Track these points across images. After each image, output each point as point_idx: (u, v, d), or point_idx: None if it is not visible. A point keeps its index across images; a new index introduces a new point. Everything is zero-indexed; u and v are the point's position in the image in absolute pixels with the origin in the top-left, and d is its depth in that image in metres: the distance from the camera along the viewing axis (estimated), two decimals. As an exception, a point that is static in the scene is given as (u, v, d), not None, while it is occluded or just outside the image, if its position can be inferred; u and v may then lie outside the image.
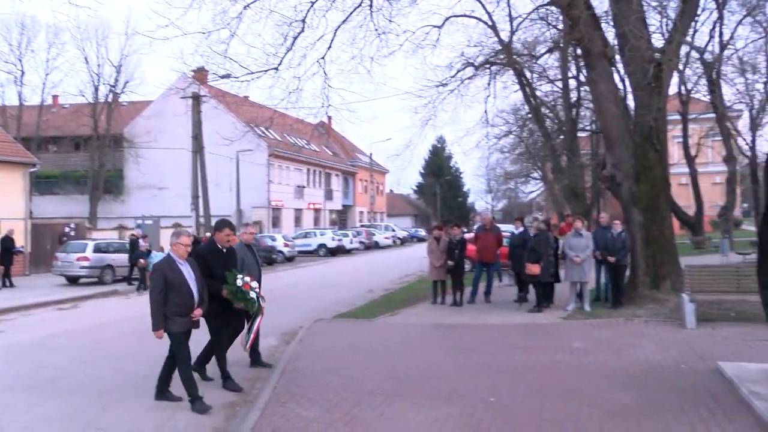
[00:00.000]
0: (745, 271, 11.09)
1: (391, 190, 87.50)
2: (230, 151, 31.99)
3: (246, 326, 8.52)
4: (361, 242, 48.45)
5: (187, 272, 7.38)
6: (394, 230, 60.15)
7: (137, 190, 49.02)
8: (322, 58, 16.08)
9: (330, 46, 15.97)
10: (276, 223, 52.37)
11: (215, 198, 32.40)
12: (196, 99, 29.98)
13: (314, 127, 30.37)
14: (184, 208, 33.79)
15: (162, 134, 44.88)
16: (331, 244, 42.78)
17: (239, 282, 8.03)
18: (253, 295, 8.19)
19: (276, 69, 15.62)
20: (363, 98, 67.85)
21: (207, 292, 7.61)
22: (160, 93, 40.11)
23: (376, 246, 51.53)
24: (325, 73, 16.22)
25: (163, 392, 7.64)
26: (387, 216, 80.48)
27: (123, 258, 23.72)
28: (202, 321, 7.72)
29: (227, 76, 16.44)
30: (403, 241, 59.63)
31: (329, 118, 39.08)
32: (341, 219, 69.10)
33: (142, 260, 21.66)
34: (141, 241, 22.79)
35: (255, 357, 9.28)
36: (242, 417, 6.84)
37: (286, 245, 36.63)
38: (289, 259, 36.40)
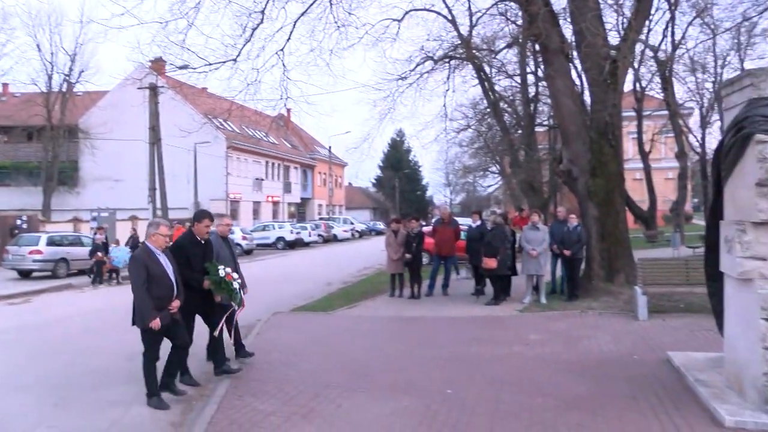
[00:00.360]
0: (693, 264, 11.38)
1: (350, 183, 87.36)
2: (188, 143, 31.62)
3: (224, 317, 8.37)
4: (319, 235, 48.42)
5: (166, 263, 7.15)
6: (352, 223, 60.15)
7: (93, 182, 48.13)
8: (281, 49, 16.00)
9: (289, 38, 15.90)
10: (234, 215, 51.81)
11: (172, 190, 32.00)
12: (153, 90, 29.53)
13: (273, 120, 30.13)
14: (141, 201, 33.24)
15: (118, 125, 44.05)
16: (290, 237, 42.69)
17: (222, 273, 7.87)
18: (236, 285, 8.08)
19: (234, 60, 15.50)
20: (322, 91, 67.57)
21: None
22: (117, 83, 39.46)
23: (335, 239, 51.52)
24: (284, 65, 16.15)
25: (168, 385, 7.46)
26: (346, 209, 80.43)
27: (78, 251, 23.33)
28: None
29: (185, 66, 16.23)
30: (362, 234, 59.72)
31: (288, 110, 38.80)
32: (300, 212, 68.93)
33: (99, 253, 21.33)
34: (97, 234, 22.43)
35: (238, 347, 9.03)
36: (198, 411, 6.78)
37: (244, 238, 36.38)
38: (248, 252, 36.18)
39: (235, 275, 8.15)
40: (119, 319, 13.95)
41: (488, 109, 26.75)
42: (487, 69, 23.36)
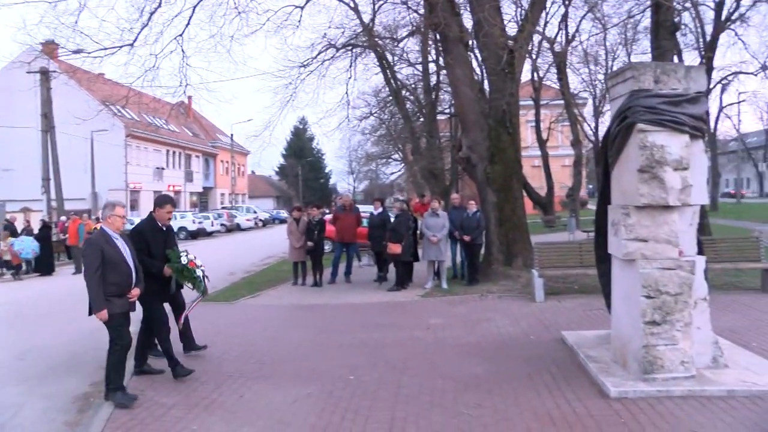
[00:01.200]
0: (587, 247, 11.96)
1: (252, 172, 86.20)
2: (84, 131, 30.34)
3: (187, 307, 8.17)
4: (222, 225, 47.66)
5: (123, 248, 6.78)
6: (255, 212, 59.40)
7: (-22, 171, 45.46)
8: (180, 35, 15.64)
9: (188, 24, 15.57)
10: (134, 206, 50.43)
11: (68, 180, 30.64)
12: (45, 74, 28.18)
13: (173, 107, 29.40)
14: (34, 191, 31.75)
15: (6, 111, 41.75)
16: (192, 227, 41.93)
17: (184, 260, 7.58)
18: (199, 273, 7.82)
19: (131, 45, 15.03)
20: (223, 78, 66.18)
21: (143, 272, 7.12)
22: (3, 66, 37.39)
23: (238, 228, 50.83)
24: (183, 51, 15.81)
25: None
26: (249, 198, 79.44)
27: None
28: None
29: (79, 51, 15.61)
30: (265, 223, 59.07)
31: (189, 98, 37.89)
32: (202, 201, 67.63)
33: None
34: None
35: (187, 341, 8.65)
36: (97, 408, 6.60)
37: (144, 229, 35.34)
38: (148, 243, 35.26)
39: (199, 262, 7.86)
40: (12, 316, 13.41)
41: (390, 97, 27.01)
42: (389, 57, 23.59)
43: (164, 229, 7.84)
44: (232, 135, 65.84)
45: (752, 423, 5.44)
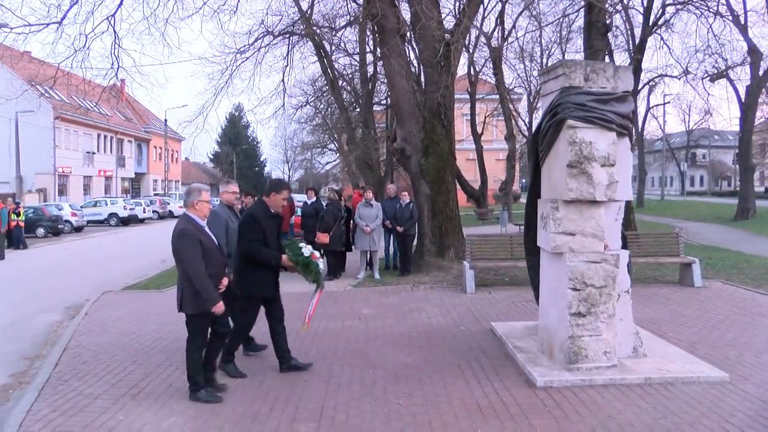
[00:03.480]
0: (518, 240, 12.22)
1: (186, 158, 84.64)
2: (8, 111, 29.21)
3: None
4: (154, 211, 46.98)
5: (211, 235, 6.33)
6: (189, 199, 58.44)
7: None
8: (112, 15, 15.13)
9: (121, 4, 15.09)
10: (63, 191, 48.94)
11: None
12: (-38, 50, 26.94)
13: (105, 90, 28.58)
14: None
15: None
16: (123, 214, 41.22)
17: (306, 252, 6.96)
18: (321, 266, 7.19)
19: (59, 23, 14.49)
20: (156, 61, 64.59)
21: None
22: None
23: (171, 215, 49.93)
24: (115, 32, 15.29)
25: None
26: (182, 184, 77.94)
27: None
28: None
29: (2, 26, 14.99)
30: (199, 211, 58.24)
31: (122, 81, 36.81)
32: (134, 187, 66.18)
33: None
34: None
35: (248, 340, 8.01)
36: (16, 400, 6.41)
37: (73, 214, 34.54)
38: (78, 229, 34.48)
39: (317, 254, 7.17)
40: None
41: (327, 87, 26.85)
42: (326, 46, 23.44)
43: (276, 216, 7.21)
44: (165, 120, 64.42)
45: (663, 407, 5.74)
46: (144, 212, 44.23)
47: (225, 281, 6.37)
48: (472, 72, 31.14)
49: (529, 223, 7.87)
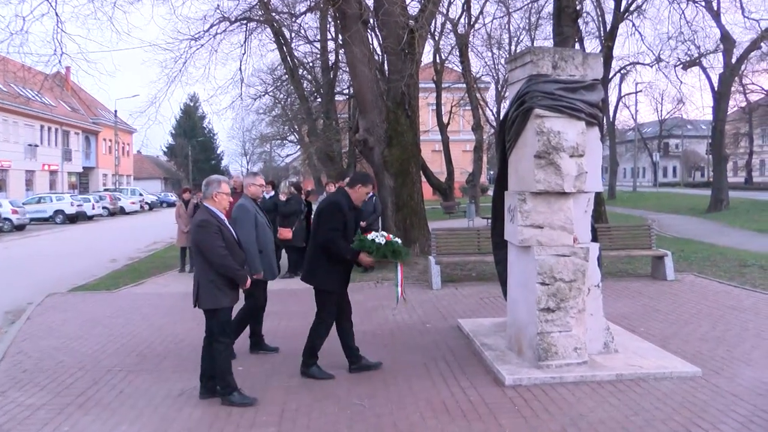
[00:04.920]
0: (485, 234, 12.27)
1: (138, 152, 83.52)
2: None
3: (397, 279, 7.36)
4: (104, 208, 46.24)
5: (231, 230, 6.32)
6: (141, 195, 57.88)
7: None
8: (53, -4, 14.85)
9: (63, -15, 14.80)
10: (2, 186, 47.89)
11: None
12: None
13: (47, 78, 28.08)
14: None
15: None
16: (70, 210, 40.34)
17: (381, 239, 6.82)
18: (397, 240, 7.06)
19: (-8, 5, 14.15)
20: (104, 48, 63.66)
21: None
22: None
23: (122, 212, 49.43)
24: (57, 14, 14.98)
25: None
26: (134, 179, 77.20)
27: None
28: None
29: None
30: (152, 207, 57.72)
31: (67, 68, 36.19)
32: (82, 182, 65.06)
33: None
34: None
35: (257, 339, 8.16)
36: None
37: (14, 212, 33.82)
38: (19, 228, 33.77)
39: (388, 235, 7.06)
40: None
41: (286, 76, 26.73)
42: (286, 33, 23.33)
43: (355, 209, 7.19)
44: (115, 111, 63.50)
45: (635, 404, 5.83)
46: (93, 209, 43.42)
47: (249, 282, 6.37)
48: (437, 60, 31.23)
49: (497, 215, 7.92)
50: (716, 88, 32.56)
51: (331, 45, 26.11)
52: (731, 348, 7.59)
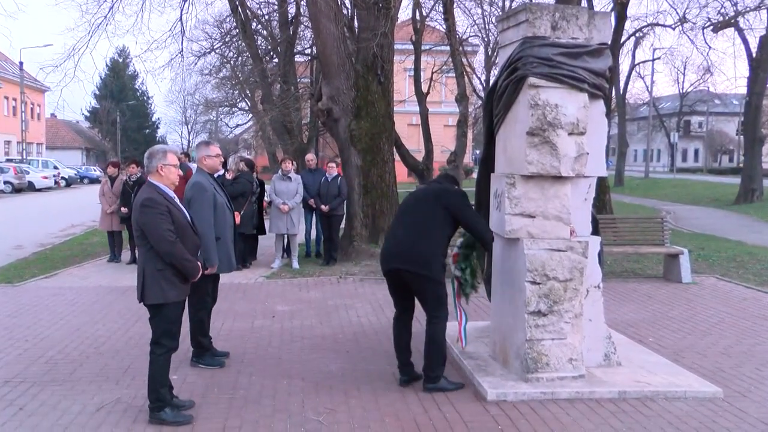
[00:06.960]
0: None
1: (53, 115, 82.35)
2: None
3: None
4: (7, 182, 45.47)
5: (183, 209, 6.21)
6: (56, 168, 57.04)
7: None
8: None
9: None
10: None
11: None
12: None
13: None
14: None
15: None
16: (-37, 185, 39.73)
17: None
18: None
19: None
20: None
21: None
22: None
23: (31, 188, 48.66)
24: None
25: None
26: (47, 149, 76.05)
27: None
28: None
29: None
30: (70, 183, 56.90)
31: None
32: (-21, 151, 64.07)
33: None
34: None
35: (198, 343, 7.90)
36: None
37: None
38: None
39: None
40: None
41: (237, 30, 26.50)
42: (238, -25, 23.13)
43: None
44: (21, 63, 61.82)
45: (641, 427, 5.87)
46: (-8, 184, 42.89)
47: (208, 270, 6.43)
48: (417, 17, 31.17)
49: (481, 201, 7.94)
50: (754, 55, 31.71)
51: (291, -5, 25.93)
52: (761, 366, 7.64)
